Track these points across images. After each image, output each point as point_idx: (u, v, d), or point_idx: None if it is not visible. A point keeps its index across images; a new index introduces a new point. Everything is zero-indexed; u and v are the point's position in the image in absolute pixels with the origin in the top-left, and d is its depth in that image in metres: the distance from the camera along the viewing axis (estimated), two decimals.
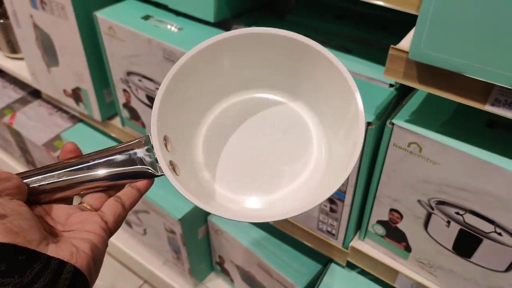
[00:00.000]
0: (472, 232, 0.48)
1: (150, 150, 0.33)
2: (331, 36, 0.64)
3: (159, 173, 0.33)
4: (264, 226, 0.82)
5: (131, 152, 0.33)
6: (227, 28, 0.68)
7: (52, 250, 0.28)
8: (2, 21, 1.05)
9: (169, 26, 0.67)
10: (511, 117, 0.36)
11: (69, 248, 0.28)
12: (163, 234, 0.91)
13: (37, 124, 1.14)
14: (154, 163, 0.33)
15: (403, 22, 0.64)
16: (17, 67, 1.06)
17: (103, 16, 0.69)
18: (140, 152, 0.33)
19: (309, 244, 0.67)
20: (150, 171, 0.33)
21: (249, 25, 0.67)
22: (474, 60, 0.34)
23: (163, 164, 0.32)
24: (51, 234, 0.30)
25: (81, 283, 0.27)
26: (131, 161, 0.33)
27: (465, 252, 0.50)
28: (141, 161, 0.33)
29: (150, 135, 0.33)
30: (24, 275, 0.24)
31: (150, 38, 0.64)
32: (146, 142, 0.34)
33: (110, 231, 0.32)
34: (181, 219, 0.82)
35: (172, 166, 0.34)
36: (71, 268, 0.27)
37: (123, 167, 0.33)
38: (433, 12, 0.34)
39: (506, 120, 0.38)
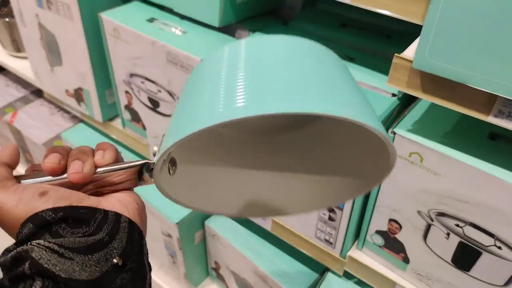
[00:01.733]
0: (471, 245, 0.47)
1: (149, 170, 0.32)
2: (334, 44, 0.64)
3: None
4: (261, 233, 0.81)
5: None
6: (232, 34, 0.68)
7: (104, 205, 0.29)
8: (7, 19, 1.05)
9: (173, 29, 0.68)
10: None
11: (118, 202, 0.30)
12: (160, 238, 0.91)
13: (38, 123, 1.14)
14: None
15: (406, 32, 0.64)
16: (20, 66, 1.06)
17: (108, 17, 0.70)
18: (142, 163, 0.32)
19: (306, 252, 0.67)
20: (145, 160, 0.32)
21: (253, 31, 0.67)
22: (478, 70, 0.34)
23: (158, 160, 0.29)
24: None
25: (137, 233, 0.29)
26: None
27: (464, 265, 0.50)
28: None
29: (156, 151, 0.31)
30: (89, 225, 0.27)
31: (154, 41, 0.64)
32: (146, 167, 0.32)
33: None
34: (179, 223, 0.81)
35: (171, 164, 0.33)
36: (126, 219, 0.28)
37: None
38: (438, 22, 0.34)
39: (509, 133, 0.38)
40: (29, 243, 0.25)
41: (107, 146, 0.32)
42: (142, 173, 0.32)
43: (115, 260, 0.26)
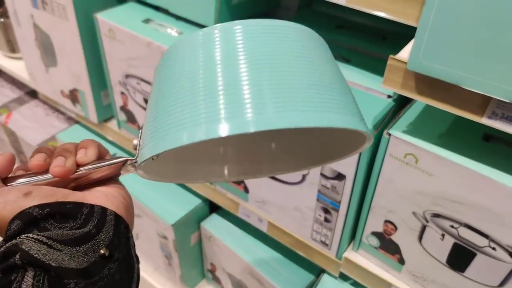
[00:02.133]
0: (466, 246, 0.47)
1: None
2: (330, 46, 0.64)
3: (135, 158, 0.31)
4: (257, 234, 0.81)
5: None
6: None
7: (89, 199, 0.29)
8: (2, 20, 1.05)
9: (169, 30, 0.67)
10: (507, 131, 0.36)
11: (103, 196, 0.30)
12: (155, 240, 0.90)
13: (32, 125, 1.13)
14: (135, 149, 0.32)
15: (402, 33, 0.64)
16: (15, 67, 1.06)
17: (103, 18, 0.69)
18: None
19: (302, 254, 0.67)
20: (125, 157, 0.33)
21: None
22: (471, 72, 0.34)
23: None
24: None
25: (123, 226, 0.29)
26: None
27: (459, 266, 0.50)
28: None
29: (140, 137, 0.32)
30: (76, 219, 0.27)
31: (149, 41, 0.64)
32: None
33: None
34: (174, 224, 0.81)
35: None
36: (112, 212, 0.29)
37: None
38: (432, 24, 0.34)
39: (502, 134, 0.38)
40: (18, 237, 0.26)
41: (89, 143, 0.32)
42: (124, 165, 0.32)
43: (102, 251, 0.27)
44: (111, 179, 0.33)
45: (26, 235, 0.26)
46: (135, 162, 0.31)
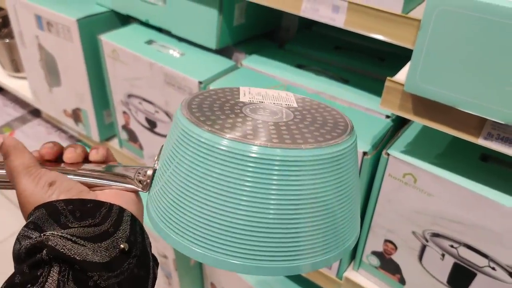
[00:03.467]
0: (466, 266, 0.47)
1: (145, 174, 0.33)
2: (329, 66, 0.66)
3: (146, 191, 0.33)
4: None
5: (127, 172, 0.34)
6: (229, 56, 0.70)
7: (102, 197, 0.32)
8: (7, 40, 1.07)
9: (171, 51, 0.69)
10: (503, 151, 0.37)
11: (114, 194, 0.33)
12: None
13: (34, 143, 1.14)
14: (144, 180, 0.33)
15: (400, 55, 0.65)
16: (19, 86, 1.07)
17: (107, 39, 0.71)
18: (133, 171, 0.34)
19: (302, 274, 0.66)
20: (135, 186, 0.34)
21: (249, 53, 0.68)
22: (467, 94, 0.35)
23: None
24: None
25: (138, 226, 0.31)
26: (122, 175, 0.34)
27: (459, 286, 0.50)
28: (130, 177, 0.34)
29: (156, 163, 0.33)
30: (95, 217, 0.30)
31: (152, 62, 0.65)
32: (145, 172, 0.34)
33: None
34: None
35: None
36: (129, 213, 0.31)
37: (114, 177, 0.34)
38: (427, 47, 0.35)
39: (500, 154, 0.38)
40: (43, 234, 0.28)
41: (99, 145, 0.36)
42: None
43: (122, 246, 0.29)
44: None
45: (51, 232, 0.28)
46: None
